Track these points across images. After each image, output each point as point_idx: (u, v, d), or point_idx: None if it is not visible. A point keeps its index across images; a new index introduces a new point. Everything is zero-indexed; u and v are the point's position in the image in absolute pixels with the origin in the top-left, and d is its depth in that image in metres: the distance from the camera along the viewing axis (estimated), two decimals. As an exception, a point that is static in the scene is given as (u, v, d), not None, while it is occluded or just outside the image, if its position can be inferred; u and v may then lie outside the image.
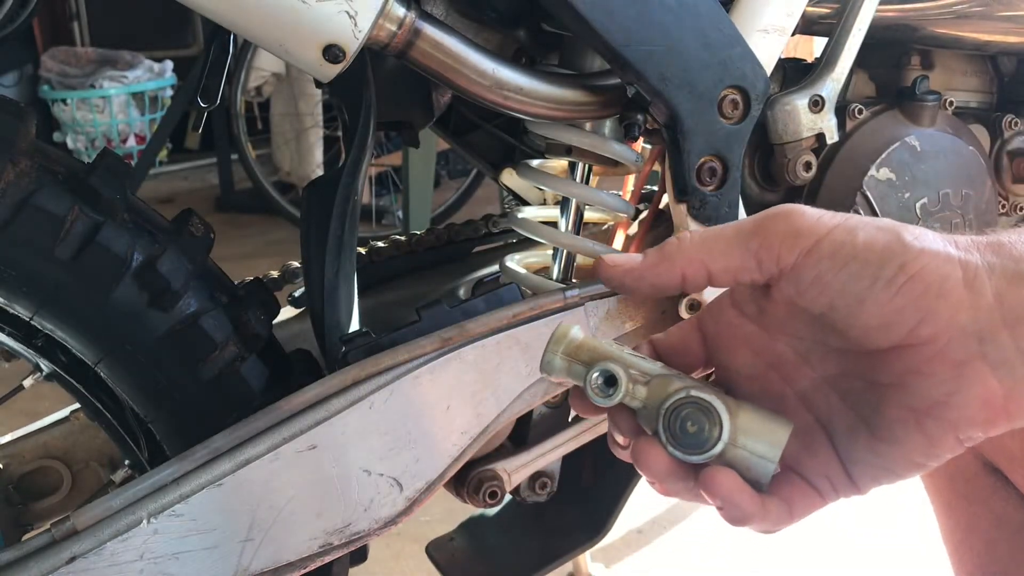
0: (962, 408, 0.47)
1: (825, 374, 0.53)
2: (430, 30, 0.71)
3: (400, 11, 0.68)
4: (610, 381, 0.52)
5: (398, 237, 1.07)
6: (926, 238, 0.48)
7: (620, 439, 0.55)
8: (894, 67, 1.02)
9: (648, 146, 1.02)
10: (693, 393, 0.50)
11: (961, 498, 0.99)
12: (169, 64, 4.64)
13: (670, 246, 0.53)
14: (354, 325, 0.81)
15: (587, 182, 0.88)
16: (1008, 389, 0.47)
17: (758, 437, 0.50)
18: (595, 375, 0.52)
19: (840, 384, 0.53)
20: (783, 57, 0.87)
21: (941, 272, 0.47)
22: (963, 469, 0.96)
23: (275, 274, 1.04)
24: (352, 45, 0.66)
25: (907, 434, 0.49)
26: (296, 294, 1.03)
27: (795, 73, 0.92)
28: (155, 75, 4.59)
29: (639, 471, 0.52)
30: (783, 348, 0.54)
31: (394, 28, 0.69)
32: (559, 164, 0.94)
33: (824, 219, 0.50)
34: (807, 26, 0.92)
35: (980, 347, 0.47)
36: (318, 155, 4.17)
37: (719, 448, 0.49)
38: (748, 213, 0.85)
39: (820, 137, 0.88)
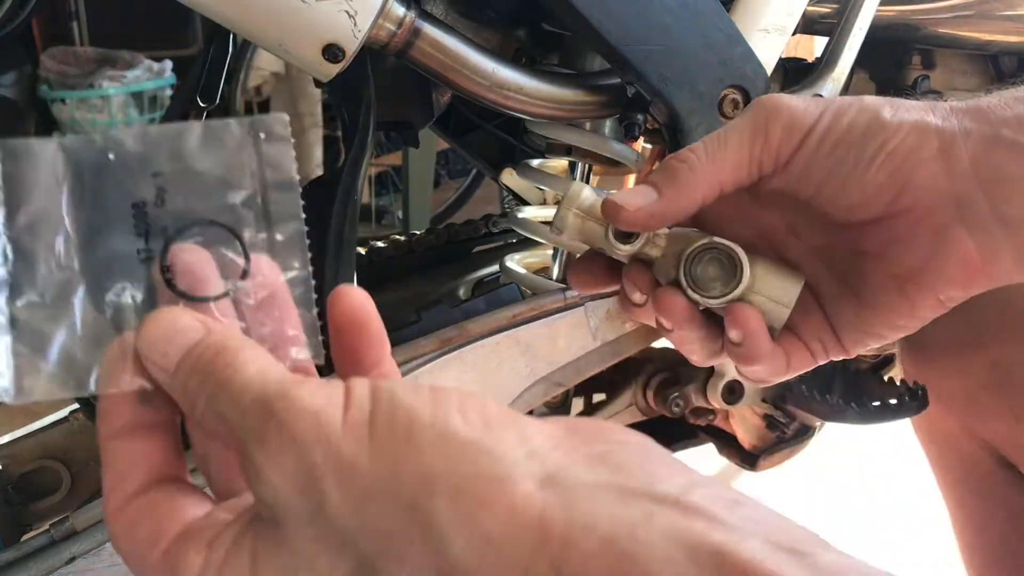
0: (941, 271, 0.50)
1: (812, 244, 0.55)
2: (430, 30, 0.71)
3: (400, 11, 0.68)
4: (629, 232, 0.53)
5: (398, 237, 1.07)
6: (904, 110, 0.50)
7: (636, 296, 0.55)
8: (895, 67, 1.02)
9: (648, 146, 1.02)
10: (715, 239, 0.51)
11: (974, 494, 0.98)
12: (168, 64, 4.63)
13: (683, 174, 0.51)
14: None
15: (587, 182, 0.88)
16: (986, 251, 0.50)
17: (773, 284, 0.52)
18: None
19: (827, 254, 0.55)
20: (783, 57, 0.87)
21: (917, 143, 0.49)
22: (976, 464, 0.96)
23: (275, 274, 1.04)
24: (352, 44, 0.66)
25: (890, 299, 0.52)
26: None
27: (796, 73, 0.92)
28: (154, 75, 4.58)
29: (660, 317, 0.53)
30: (773, 220, 0.56)
31: (394, 28, 0.69)
32: (559, 164, 0.94)
33: (811, 109, 0.51)
34: (808, 25, 0.92)
35: (958, 211, 0.49)
36: (318, 155, 4.16)
37: (739, 291, 0.51)
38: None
39: (821, 137, 0.88)
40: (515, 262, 0.93)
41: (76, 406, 0.96)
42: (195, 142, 0.39)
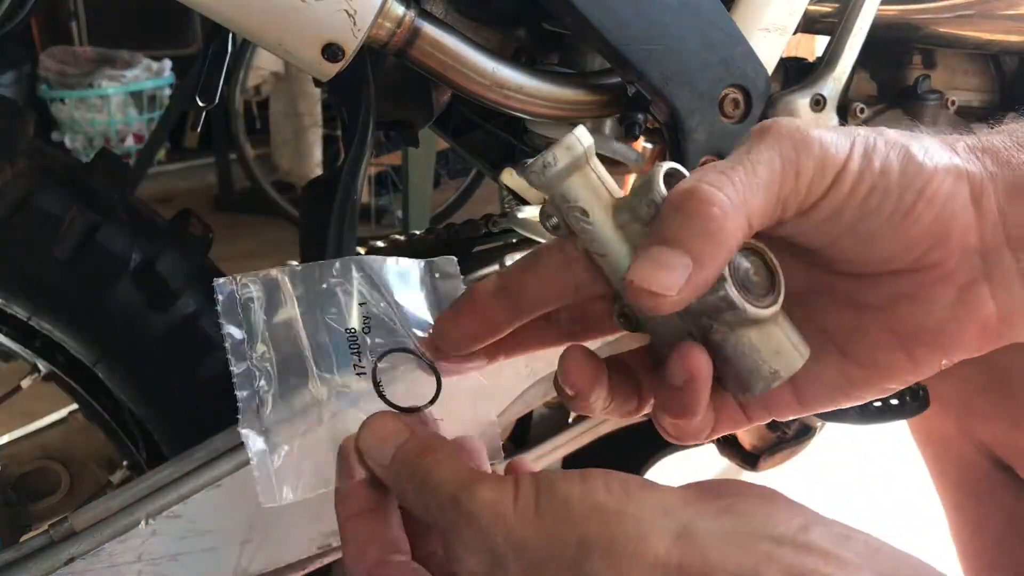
0: (958, 334, 0.45)
1: (789, 288, 0.45)
2: (429, 29, 0.70)
3: (399, 10, 0.68)
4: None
5: (397, 237, 1.07)
6: (933, 150, 0.43)
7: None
8: (896, 66, 1.02)
9: (649, 145, 1.02)
10: (748, 242, 0.43)
11: (971, 496, 0.98)
12: (167, 63, 4.63)
13: (716, 224, 0.39)
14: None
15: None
16: (1004, 311, 0.44)
17: (789, 325, 0.44)
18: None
19: (807, 301, 0.47)
20: (784, 56, 0.87)
21: (952, 190, 0.43)
22: (973, 467, 0.96)
23: (274, 274, 1.04)
24: (351, 44, 0.66)
25: (890, 360, 0.46)
26: (295, 294, 1.02)
27: (796, 72, 0.92)
28: (153, 74, 4.58)
29: (571, 372, 0.46)
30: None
31: (393, 27, 0.68)
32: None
33: (841, 142, 0.42)
34: (808, 25, 0.92)
35: (984, 266, 0.44)
36: (317, 154, 4.16)
37: (781, 300, 0.43)
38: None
39: (821, 136, 0.88)
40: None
41: (75, 407, 0.96)
42: (389, 278, 0.49)
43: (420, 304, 0.50)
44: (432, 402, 0.49)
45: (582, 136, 0.43)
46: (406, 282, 0.49)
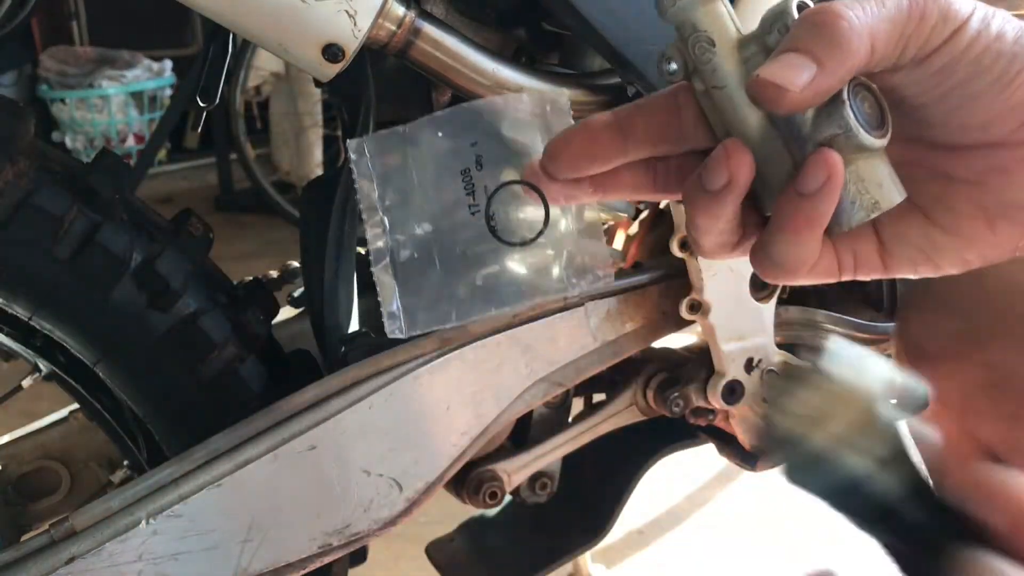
0: None
1: (894, 153, 0.47)
2: (430, 29, 0.70)
3: (399, 10, 0.68)
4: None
5: (398, 237, 1.07)
6: None
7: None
8: (895, 66, 1.02)
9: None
10: (860, 79, 0.45)
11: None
12: (168, 63, 4.64)
13: (844, 34, 0.42)
14: (354, 325, 0.80)
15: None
16: None
17: (892, 168, 0.46)
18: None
19: (908, 167, 0.48)
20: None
21: None
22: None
23: (274, 274, 1.04)
24: (352, 44, 0.66)
25: (974, 231, 0.47)
26: (295, 294, 1.02)
27: (796, 72, 0.92)
28: (154, 74, 4.58)
29: (728, 168, 0.45)
30: None
31: (393, 27, 0.69)
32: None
33: (963, 4, 0.44)
34: (808, 25, 0.92)
35: None
36: (317, 155, 4.16)
37: (888, 136, 0.45)
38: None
39: (821, 136, 0.88)
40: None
41: (76, 407, 0.96)
42: (501, 114, 0.50)
43: (533, 138, 0.50)
44: (541, 232, 0.49)
45: None
46: (517, 118, 0.50)
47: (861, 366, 0.46)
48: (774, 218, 0.46)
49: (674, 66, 0.47)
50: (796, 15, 0.44)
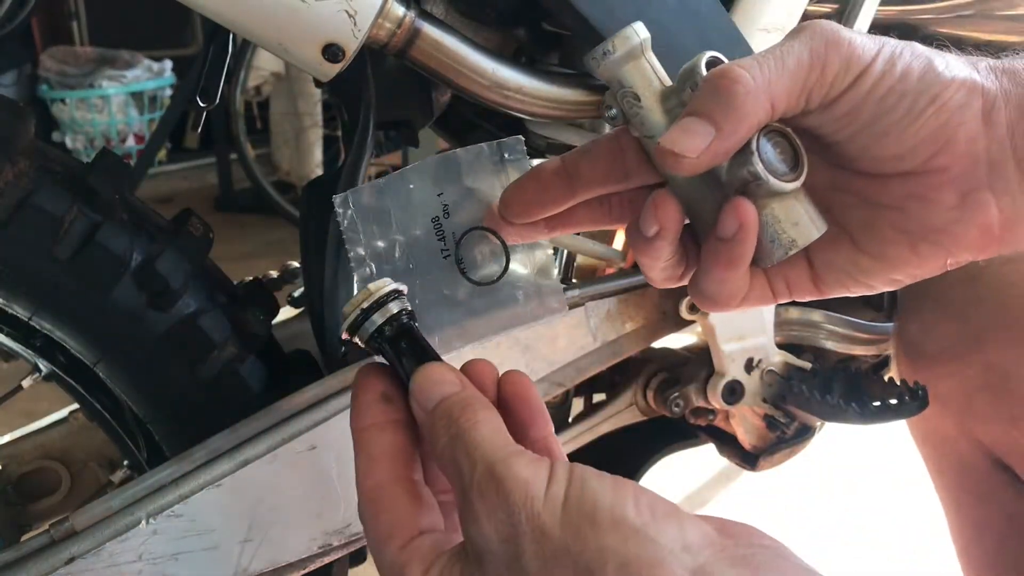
0: (961, 235, 0.48)
1: (812, 183, 0.50)
2: (430, 29, 0.70)
3: (399, 10, 0.68)
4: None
5: (398, 237, 1.07)
6: (954, 64, 0.47)
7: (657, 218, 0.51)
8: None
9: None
10: (775, 124, 0.48)
11: (971, 496, 0.98)
12: (168, 63, 4.63)
13: (739, 99, 0.44)
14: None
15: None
16: (1007, 218, 0.48)
17: (807, 201, 0.49)
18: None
19: (828, 196, 0.51)
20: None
21: (965, 101, 0.47)
22: (973, 467, 0.96)
23: (274, 274, 1.04)
24: (352, 44, 0.66)
25: (898, 254, 0.50)
26: (295, 294, 1.02)
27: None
28: (154, 74, 4.58)
29: (653, 220, 0.49)
30: None
31: (393, 27, 0.68)
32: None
33: (868, 45, 0.47)
34: (808, 25, 0.92)
35: (988, 177, 0.47)
36: (317, 155, 4.16)
37: (802, 179, 0.48)
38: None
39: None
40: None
41: (76, 407, 0.96)
42: (462, 166, 0.55)
43: (492, 184, 0.55)
44: (504, 273, 0.55)
45: (639, 29, 0.49)
46: (478, 167, 0.55)
47: None
48: (702, 258, 0.50)
49: (614, 111, 0.51)
50: (704, 73, 0.47)
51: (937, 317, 0.95)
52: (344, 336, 0.50)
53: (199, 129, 4.58)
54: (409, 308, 0.50)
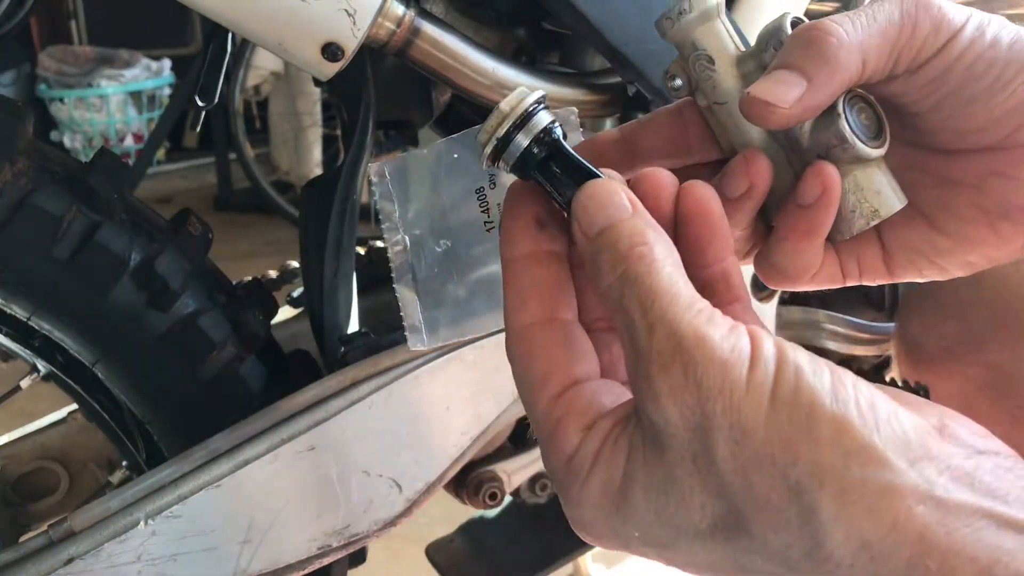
0: None
1: (895, 161, 0.48)
2: (429, 28, 0.70)
3: (399, 9, 0.68)
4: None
5: (397, 237, 1.06)
6: None
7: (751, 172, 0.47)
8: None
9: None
10: (858, 91, 0.46)
11: None
12: (167, 63, 4.63)
13: (832, 50, 0.42)
14: (353, 325, 0.80)
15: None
16: None
17: (891, 175, 0.47)
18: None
19: (901, 175, 0.48)
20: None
21: None
22: None
23: (274, 274, 1.04)
24: (351, 43, 0.66)
25: (977, 234, 0.48)
26: (295, 294, 1.02)
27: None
28: (153, 74, 4.58)
29: (748, 176, 0.46)
30: None
31: (393, 26, 0.68)
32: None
33: (957, 12, 0.44)
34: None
35: None
36: (317, 154, 4.16)
37: (886, 146, 0.46)
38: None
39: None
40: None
41: (75, 407, 0.96)
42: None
43: None
44: None
45: None
46: None
47: None
48: (777, 228, 0.47)
49: (679, 82, 0.48)
50: (790, 31, 0.45)
51: (938, 317, 0.95)
52: (485, 165, 0.44)
53: (198, 128, 4.58)
54: (554, 120, 0.44)
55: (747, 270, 0.92)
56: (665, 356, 0.35)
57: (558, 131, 0.43)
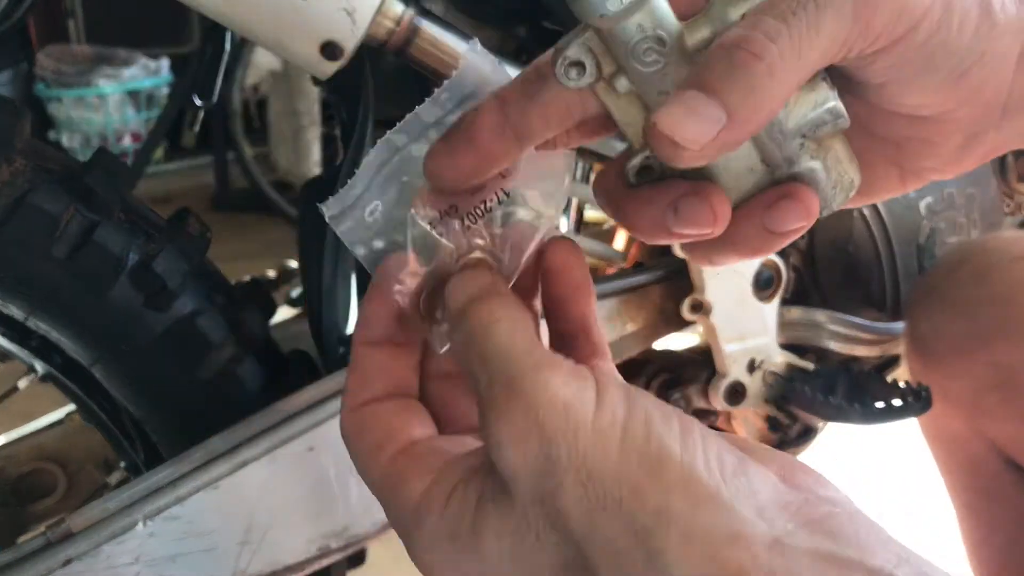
0: (950, 171, 0.45)
1: None
2: (429, 27, 0.70)
3: (398, 8, 0.68)
4: None
5: (397, 236, 1.06)
6: (1008, 6, 0.40)
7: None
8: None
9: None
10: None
11: (982, 496, 0.98)
12: (165, 62, 4.63)
13: (761, 81, 0.35)
14: (352, 326, 0.80)
15: (587, 181, 0.88)
16: (992, 148, 0.44)
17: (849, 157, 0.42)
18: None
19: None
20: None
21: (1006, 51, 0.40)
22: (983, 466, 0.96)
23: (272, 274, 1.04)
24: (350, 42, 0.65)
25: (887, 185, 0.45)
26: (293, 294, 1.02)
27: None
28: (151, 73, 4.57)
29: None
30: None
31: (392, 25, 0.68)
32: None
33: None
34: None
35: (1000, 118, 0.42)
36: (316, 153, 4.16)
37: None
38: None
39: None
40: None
41: (72, 408, 0.96)
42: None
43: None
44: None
45: None
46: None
47: None
48: (729, 235, 0.41)
49: (586, 72, 0.39)
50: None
51: (946, 316, 0.94)
52: None
53: (196, 128, 4.57)
54: None
55: (749, 267, 0.91)
56: (503, 402, 0.34)
57: None
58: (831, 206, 0.42)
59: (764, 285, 0.93)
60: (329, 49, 0.65)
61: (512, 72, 0.46)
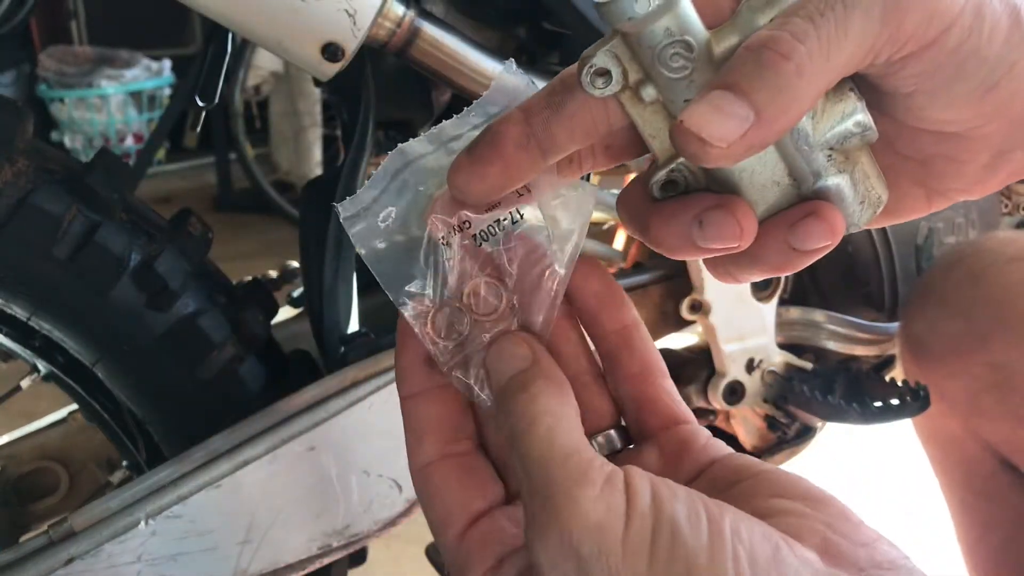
0: (976, 191, 0.43)
1: None
2: (429, 28, 0.70)
3: (399, 9, 0.68)
4: None
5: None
6: None
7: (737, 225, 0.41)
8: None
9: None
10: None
11: (978, 496, 0.98)
12: (167, 63, 4.63)
13: (789, 80, 0.35)
14: (353, 325, 0.80)
15: (587, 181, 0.88)
16: (1019, 168, 0.43)
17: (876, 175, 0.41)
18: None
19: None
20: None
21: None
22: (979, 466, 0.96)
23: (274, 274, 1.04)
24: (351, 43, 0.66)
25: (911, 205, 0.44)
26: (295, 294, 1.02)
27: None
28: (153, 74, 4.58)
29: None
30: None
31: (393, 26, 0.68)
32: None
33: None
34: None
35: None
36: (317, 154, 4.16)
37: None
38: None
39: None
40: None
41: (75, 407, 0.96)
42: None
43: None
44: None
45: None
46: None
47: None
48: (753, 251, 0.40)
49: (612, 80, 0.38)
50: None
51: (942, 316, 0.95)
52: None
53: (198, 129, 4.57)
54: None
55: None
56: (542, 520, 0.35)
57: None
58: (858, 223, 0.41)
59: (763, 285, 0.94)
60: (330, 50, 0.66)
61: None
